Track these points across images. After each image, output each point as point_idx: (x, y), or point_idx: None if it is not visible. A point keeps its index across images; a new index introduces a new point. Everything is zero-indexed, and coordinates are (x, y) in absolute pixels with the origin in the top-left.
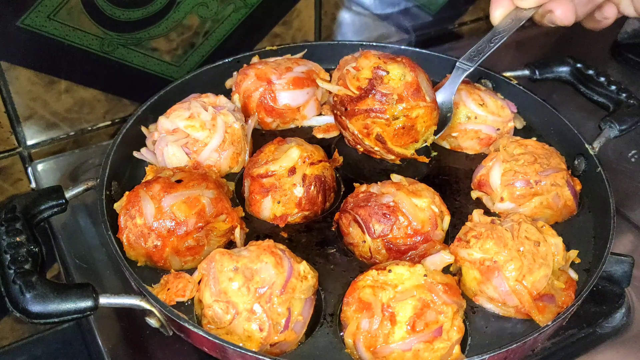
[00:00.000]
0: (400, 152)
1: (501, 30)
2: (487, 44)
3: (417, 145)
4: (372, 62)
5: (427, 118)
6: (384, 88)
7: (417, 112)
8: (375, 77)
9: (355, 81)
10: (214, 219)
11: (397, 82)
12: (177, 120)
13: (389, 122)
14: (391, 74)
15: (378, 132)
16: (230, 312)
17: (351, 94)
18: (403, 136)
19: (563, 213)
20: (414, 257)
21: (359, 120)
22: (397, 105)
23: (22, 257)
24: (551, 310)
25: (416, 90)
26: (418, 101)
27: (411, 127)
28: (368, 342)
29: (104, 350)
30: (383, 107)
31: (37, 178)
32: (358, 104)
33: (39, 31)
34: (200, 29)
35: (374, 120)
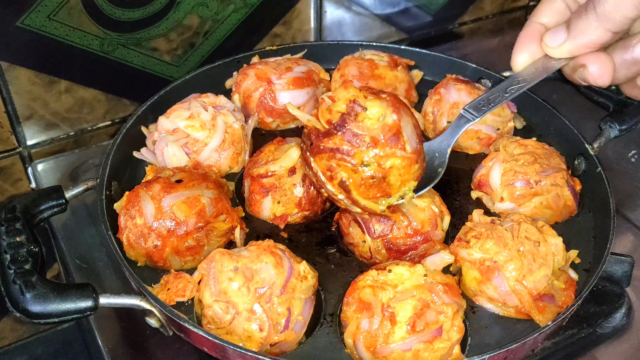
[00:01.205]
0: (367, 206)
1: (521, 79)
2: (501, 94)
3: (390, 201)
4: (349, 94)
5: (405, 171)
6: (356, 127)
7: (392, 161)
8: (349, 112)
9: (327, 113)
10: (214, 219)
11: (374, 122)
12: (177, 120)
13: (356, 169)
14: (369, 111)
15: (343, 178)
16: (230, 312)
17: (320, 127)
18: (372, 188)
19: (563, 213)
20: (414, 257)
21: (322, 159)
22: (369, 150)
23: (22, 257)
24: (551, 310)
25: (395, 135)
26: (395, 149)
27: (382, 179)
28: (368, 342)
29: (104, 350)
30: (352, 149)
31: (37, 178)
32: (324, 140)
33: (39, 31)
34: (200, 29)
35: (339, 162)
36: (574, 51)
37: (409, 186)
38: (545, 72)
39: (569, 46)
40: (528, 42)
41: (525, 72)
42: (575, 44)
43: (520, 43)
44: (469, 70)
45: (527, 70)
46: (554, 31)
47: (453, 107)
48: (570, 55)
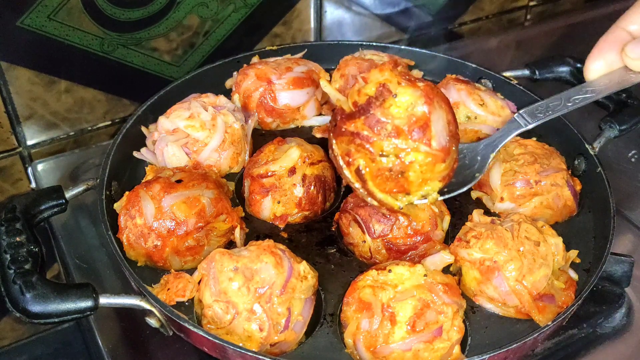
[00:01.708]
0: (383, 200)
1: (590, 89)
2: (564, 102)
3: (411, 199)
4: (382, 77)
5: (427, 169)
6: (381, 112)
7: (414, 156)
8: (377, 96)
9: (356, 94)
10: (214, 219)
11: (401, 110)
12: (177, 120)
13: (374, 158)
14: (398, 97)
15: (359, 166)
16: (230, 312)
17: (346, 108)
18: (388, 181)
19: (563, 213)
20: (414, 257)
21: (343, 142)
22: (390, 140)
23: (22, 257)
24: (551, 310)
25: (421, 128)
26: (419, 143)
27: (401, 173)
28: (368, 342)
29: (104, 350)
30: (372, 135)
31: (37, 178)
32: (347, 122)
33: (39, 31)
34: (200, 29)
35: (358, 148)
36: None
37: (432, 186)
38: (618, 85)
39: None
40: (607, 49)
41: (596, 83)
42: None
43: (598, 49)
44: (469, 70)
45: (599, 81)
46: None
47: (453, 107)
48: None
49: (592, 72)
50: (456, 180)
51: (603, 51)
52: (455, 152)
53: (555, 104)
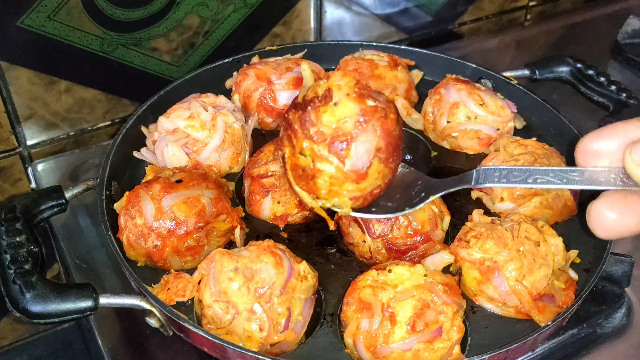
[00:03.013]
0: (299, 194)
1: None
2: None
3: (324, 203)
4: (338, 82)
5: (336, 183)
6: (314, 114)
7: (324, 166)
8: (320, 98)
9: (312, 88)
10: (214, 219)
11: (333, 120)
12: (177, 120)
13: (294, 152)
14: (338, 107)
15: (284, 154)
16: (230, 312)
17: (299, 97)
18: (301, 179)
19: (563, 213)
20: (414, 257)
21: (283, 127)
22: (309, 141)
23: (22, 257)
24: (551, 310)
25: (342, 143)
26: (333, 156)
27: (311, 177)
28: (368, 342)
29: (104, 350)
30: (299, 131)
31: (37, 178)
32: (291, 110)
33: (39, 31)
34: (200, 29)
35: (288, 137)
36: None
37: (342, 201)
38: (593, 184)
39: None
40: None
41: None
42: None
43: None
44: (469, 70)
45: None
46: None
47: (453, 107)
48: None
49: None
50: (391, 204)
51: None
52: (379, 179)
53: (517, 174)
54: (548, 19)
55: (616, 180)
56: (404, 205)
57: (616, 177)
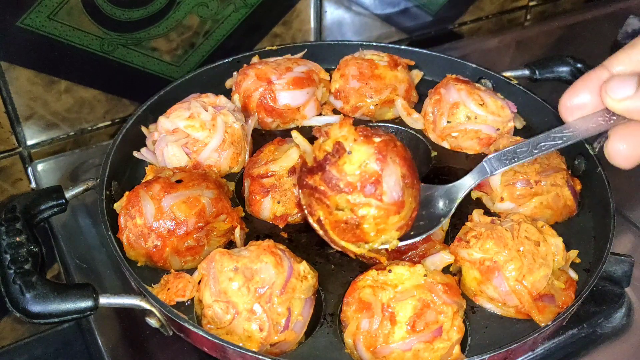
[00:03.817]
0: (345, 247)
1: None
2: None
3: (371, 246)
4: (340, 134)
5: (381, 221)
6: (335, 169)
7: (367, 211)
8: (333, 153)
9: (317, 150)
10: (214, 219)
11: (355, 167)
12: (177, 120)
13: (331, 211)
14: (353, 155)
15: (320, 217)
16: (230, 312)
17: (308, 161)
18: (346, 232)
19: (563, 213)
20: (414, 257)
21: (305, 194)
22: (344, 195)
23: (22, 257)
24: (551, 310)
25: (373, 184)
26: (371, 198)
27: (356, 226)
28: (368, 342)
29: (104, 350)
30: (328, 190)
31: (37, 178)
32: (308, 176)
33: (39, 31)
34: (200, 29)
35: (317, 201)
36: (634, 113)
37: (390, 235)
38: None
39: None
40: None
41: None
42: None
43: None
44: (469, 70)
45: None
46: (622, 80)
47: (453, 107)
48: (627, 115)
49: (566, 111)
50: (423, 222)
51: (580, 90)
52: (412, 203)
53: (522, 150)
54: (548, 19)
55: (605, 121)
56: (438, 217)
57: (604, 118)
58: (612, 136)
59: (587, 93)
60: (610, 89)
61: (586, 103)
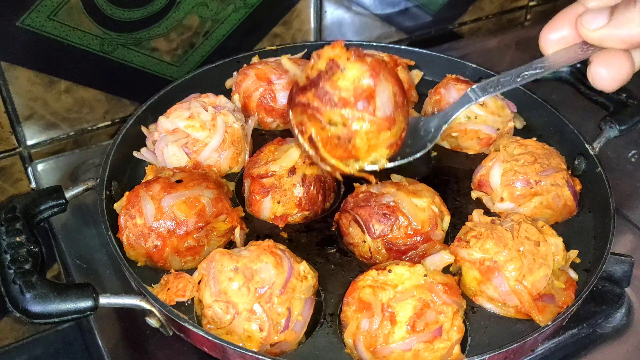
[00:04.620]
0: (336, 165)
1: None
2: (514, 78)
3: (361, 165)
4: (333, 53)
5: (373, 136)
6: (329, 85)
7: (360, 125)
8: (326, 70)
9: (309, 69)
10: (214, 219)
11: (348, 83)
12: (177, 120)
13: (323, 126)
14: (346, 71)
15: (312, 134)
16: (230, 312)
17: (300, 82)
18: (337, 148)
19: (563, 213)
20: (414, 257)
21: (297, 113)
22: (337, 110)
23: (22, 257)
24: (551, 310)
25: (366, 99)
26: (364, 112)
27: (348, 141)
28: (368, 342)
29: (104, 350)
30: (322, 106)
31: (37, 178)
32: (300, 94)
33: (39, 31)
34: (200, 29)
35: (309, 117)
36: (608, 41)
37: (380, 153)
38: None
39: (604, 33)
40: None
41: (547, 59)
42: (612, 33)
43: (553, 22)
44: (469, 70)
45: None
46: (596, 12)
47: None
48: (602, 44)
49: (546, 44)
50: (409, 150)
51: (558, 25)
52: (402, 122)
53: (506, 79)
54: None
55: (583, 51)
56: (425, 143)
57: (582, 49)
58: (594, 61)
59: (565, 27)
60: (585, 20)
61: (565, 36)
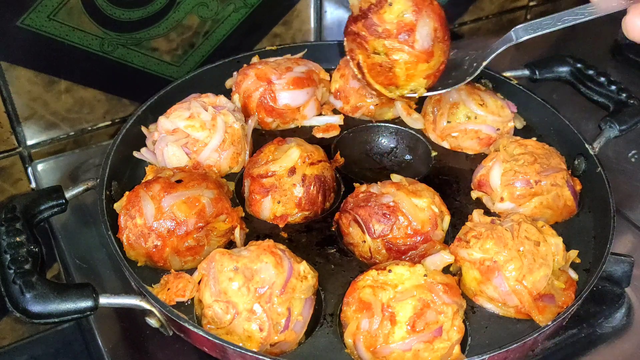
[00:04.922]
0: (379, 90)
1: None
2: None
3: (402, 91)
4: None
5: (411, 66)
6: (376, 17)
7: (399, 55)
8: (376, 3)
9: (364, 1)
10: (214, 219)
11: (393, 17)
12: (177, 120)
13: (369, 54)
14: (393, 6)
15: (359, 60)
16: (230, 312)
17: (354, 11)
18: (380, 75)
19: (563, 213)
20: (414, 257)
21: (349, 40)
22: (381, 40)
23: (22, 257)
24: (551, 310)
25: (408, 32)
26: (403, 45)
27: (389, 69)
28: (368, 342)
29: (104, 350)
30: (368, 36)
31: (37, 178)
32: (353, 24)
33: (39, 31)
34: (200, 29)
35: (358, 45)
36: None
37: (418, 82)
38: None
39: None
40: None
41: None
42: None
43: None
44: None
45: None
46: None
47: (453, 107)
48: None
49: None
50: (449, 81)
51: None
52: (441, 56)
53: (547, 22)
54: None
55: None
56: (464, 76)
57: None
58: (631, 12)
59: None
60: None
61: None
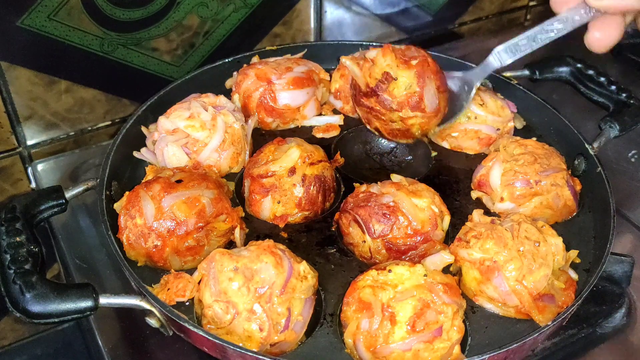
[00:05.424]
0: (398, 141)
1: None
2: (529, 42)
3: (417, 136)
4: (385, 63)
5: (425, 124)
6: (387, 94)
7: (414, 121)
8: (382, 81)
9: (367, 76)
10: (214, 219)
11: (401, 90)
12: (177, 120)
13: (386, 123)
14: (399, 81)
15: (377, 126)
16: (230, 312)
17: (362, 85)
18: (399, 135)
19: (563, 213)
20: (414, 257)
21: (362, 110)
22: (395, 112)
23: (22, 257)
24: (551, 310)
25: (417, 101)
26: (416, 112)
27: (407, 130)
28: (368, 342)
29: (104, 350)
30: (383, 110)
31: (37, 178)
32: (364, 98)
33: (39, 31)
34: (200, 29)
35: (374, 116)
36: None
37: (432, 130)
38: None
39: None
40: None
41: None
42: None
43: None
44: None
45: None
46: None
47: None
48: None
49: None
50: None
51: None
52: (445, 104)
53: (523, 43)
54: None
55: (587, 13)
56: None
57: (585, 11)
58: (590, 29)
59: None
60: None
61: None
